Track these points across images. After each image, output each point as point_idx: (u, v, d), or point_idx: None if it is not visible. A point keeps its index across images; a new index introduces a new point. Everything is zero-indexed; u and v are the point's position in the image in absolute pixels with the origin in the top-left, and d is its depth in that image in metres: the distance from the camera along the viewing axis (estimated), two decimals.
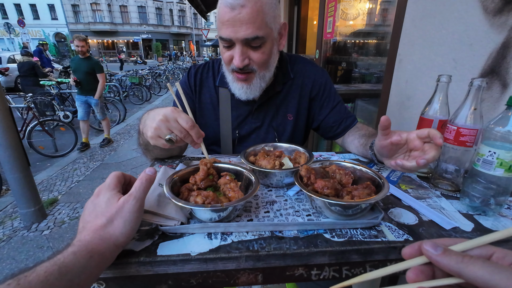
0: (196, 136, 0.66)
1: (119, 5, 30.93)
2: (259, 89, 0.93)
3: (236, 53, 0.81)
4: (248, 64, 0.84)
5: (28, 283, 0.33)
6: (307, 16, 3.53)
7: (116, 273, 0.47)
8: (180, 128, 0.64)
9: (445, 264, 0.28)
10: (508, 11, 0.72)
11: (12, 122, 2.19)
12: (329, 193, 0.56)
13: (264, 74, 0.90)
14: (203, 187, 0.60)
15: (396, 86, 1.22)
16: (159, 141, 0.67)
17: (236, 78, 0.89)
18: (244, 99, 0.93)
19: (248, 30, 0.77)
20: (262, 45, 0.83)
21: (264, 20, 0.79)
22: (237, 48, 0.81)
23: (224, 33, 0.79)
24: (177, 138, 0.65)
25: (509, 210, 0.63)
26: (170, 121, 0.64)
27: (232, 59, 0.84)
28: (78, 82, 3.85)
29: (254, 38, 0.79)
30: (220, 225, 0.53)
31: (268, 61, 0.88)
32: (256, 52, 0.83)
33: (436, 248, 0.30)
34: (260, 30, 0.79)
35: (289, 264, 0.50)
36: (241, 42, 0.80)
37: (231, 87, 0.94)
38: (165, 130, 0.64)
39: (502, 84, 0.75)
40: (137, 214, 0.46)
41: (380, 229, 0.55)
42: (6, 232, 2.37)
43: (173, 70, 12.26)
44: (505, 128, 0.56)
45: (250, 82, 0.89)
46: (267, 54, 0.86)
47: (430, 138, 0.58)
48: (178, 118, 0.64)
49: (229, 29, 0.78)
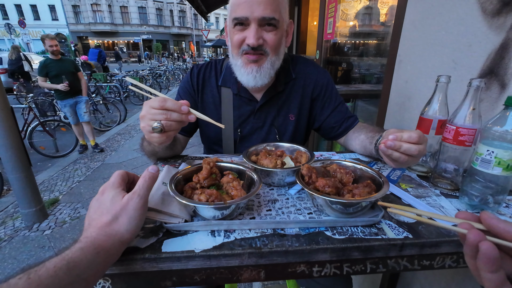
0: (175, 106, 0.62)
1: (120, 5, 30.97)
2: (268, 76, 0.92)
3: (251, 32, 0.83)
4: (261, 44, 0.86)
5: (38, 277, 0.34)
6: (307, 16, 3.54)
7: (122, 270, 0.48)
8: (157, 111, 0.62)
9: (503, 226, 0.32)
10: (506, 13, 0.73)
11: (14, 122, 2.20)
12: (330, 191, 0.57)
13: (275, 60, 0.91)
14: (206, 185, 0.61)
15: (396, 86, 1.23)
16: (152, 137, 0.65)
17: (246, 60, 0.89)
18: (252, 85, 0.92)
19: (267, 10, 0.81)
20: (275, 29, 0.85)
21: (279, 7, 0.84)
22: (252, 27, 0.83)
23: (241, 12, 0.82)
24: (162, 123, 0.62)
25: (507, 209, 0.64)
26: (148, 111, 0.63)
27: (243, 40, 0.86)
28: (70, 87, 3.63)
29: (271, 19, 0.82)
30: (223, 222, 0.54)
31: (279, 47, 0.90)
32: (269, 34, 0.85)
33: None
34: (276, 13, 0.83)
35: (291, 261, 0.51)
36: (257, 22, 0.82)
37: (238, 74, 0.93)
38: (149, 120, 0.63)
39: (500, 84, 0.76)
40: (141, 211, 0.47)
41: (380, 227, 0.56)
42: (8, 232, 2.38)
43: (173, 71, 12.27)
44: (503, 127, 0.56)
45: (260, 65, 0.89)
46: (279, 39, 0.88)
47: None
48: (151, 103, 0.63)
49: (246, 8, 0.81)
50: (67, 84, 3.59)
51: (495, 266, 0.31)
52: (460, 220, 0.36)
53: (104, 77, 7.38)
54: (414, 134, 0.63)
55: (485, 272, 0.31)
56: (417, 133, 0.63)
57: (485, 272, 0.31)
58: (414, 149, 0.62)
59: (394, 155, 0.65)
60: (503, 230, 0.32)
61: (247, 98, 1.00)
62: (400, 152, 0.64)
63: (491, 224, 0.33)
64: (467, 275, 0.86)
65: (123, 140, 4.77)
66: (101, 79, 7.23)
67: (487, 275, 0.31)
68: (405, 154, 0.64)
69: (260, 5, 0.80)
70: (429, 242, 0.52)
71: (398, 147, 0.63)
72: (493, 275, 0.31)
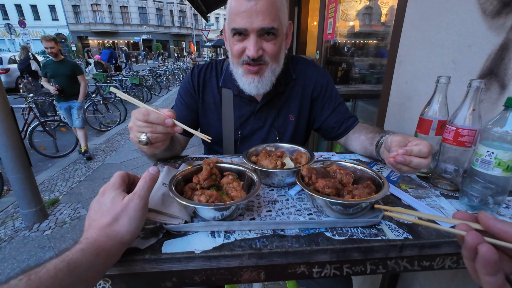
0: (158, 120, 0.60)
1: (120, 5, 30.98)
2: (270, 83, 0.92)
3: (251, 43, 0.82)
4: (261, 55, 0.85)
5: (38, 278, 0.34)
6: (307, 17, 3.54)
7: (122, 270, 0.48)
8: (142, 123, 0.60)
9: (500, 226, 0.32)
10: (506, 14, 0.73)
11: (14, 122, 2.20)
12: (330, 192, 0.57)
13: (275, 67, 0.91)
14: (206, 186, 0.61)
15: (396, 87, 1.23)
16: (141, 148, 0.64)
17: (247, 71, 0.89)
18: (254, 93, 0.92)
19: (265, 20, 0.80)
20: (274, 38, 0.85)
21: (278, 14, 0.83)
22: (252, 38, 0.82)
23: (239, 24, 0.81)
24: (148, 136, 0.61)
25: (507, 209, 0.64)
26: (134, 122, 0.62)
27: (243, 51, 0.85)
28: (61, 91, 3.54)
29: (270, 29, 0.81)
30: (223, 223, 0.54)
31: (279, 55, 0.90)
32: (269, 43, 0.85)
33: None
34: (275, 22, 0.82)
35: (291, 261, 0.51)
36: (256, 33, 0.82)
37: (239, 82, 0.93)
38: (136, 132, 0.62)
39: (500, 85, 0.76)
40: (142, 212, 0.47)
41: (380, 227, 0.56)
42: (8, 232, 2.38)
43: (173, 71, 12.27)
44: (503, 128, 0.56)
45: (262, 75, 0.89)
46: (279, 47, 0.88)
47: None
48: (136, 114, 0.61)
49: (245, 19, 0.80)
50: (57, 87, 3.50)
51: (494, 269, 0.30)
52: (458, 221, 0.36)
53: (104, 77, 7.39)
54: (424, 148, 0.59)
55: (484, 275, 0.31)
56: (427, 147, 0.59)
57: (484, 275, 0.31)
58: (424, 164, 0.59)
59: (403, 169, 0.62)
60: (501, 230, 0.32)
61: (247, 99, 1.00)
62: (409, 166, 0.61)
63: (489, 224, 0.33)
64: (467, 276, 0.86)
65: (123, 140, 4.77)
66: (101, 79, 7.23)
67: (486, 278, 0.31)
68: (413, 168, 0.61)
69: (259, 15, 0.79)
70: (429, 243, 0.53)
71: (408, 163, 0.60)
72: (492, 278, 0.31)
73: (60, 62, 3.52)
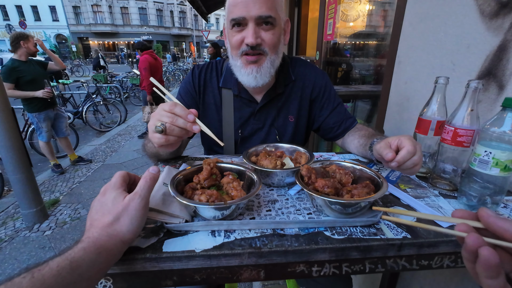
0: (182, 112, 0.62)
1: (120, 6, 31.03)
2: (269, 75, 0.92)
3: (249, 31, 0.84)
4: (260, 44, 0.86)
5: (41, 276, 0.34)
6: (307, 17, 3.55)
7: (123, 269, 0.49)
8: (165, 113, 0.62)
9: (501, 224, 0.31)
10: (504, 15, 0.74)
11: (15, 123, 2.21)
12: (329, 192, 0.58)
13: (274, 59, 0.91)
14: (206, 186, 0.62)
15: (396, 87, 1.23)
16: (153, 137, 0.65)
17: (246, 61, 0.90)
18: (253, 85, 0.92)
19: (262, 8, 0.82)
20: (272, 28, 0.86)
21: (274, 5, 0.85)
22: (250, 26, 0.84)
23: (237, 13, 0.83)
24: (166, 125, 0.62)
25: (505, 209, 0.64)
26: (158, 111, 0.64)
27: (242, 41, 0.87)
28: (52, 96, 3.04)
29: (268, 17, 0.83)
30: (223, 222, 0.55)
31: (278, 45, 0.91)
32: (267, 33, 0.86)
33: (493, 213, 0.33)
34: (272, 11, 0.84)
35: (290, 260, 0.52)
36: (254, 21, 0.83)
37: (238, 75, 0.94)
38: (156, 120, 0.63)
39: (498, 85, 0.77)
40: (143, 211, 0.48)
41: (379, 227, 0.57)
42: (8, 233, 2.38)
43: (173, 72, 12.28)
44: (500, 128, 0.57)
45: (260, 65, 0.90)
46: (277, 38, 0.89)
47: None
48: (164, 105, 0.63)
49: (242, 8, 0.82)
50: (50, 89, 2.95)
51: (495, 272, 0.30)
52: (458, 219, 0.35)
53: (105, 78, 7.40)
54: (403, 152, 0.63)
55: (485, 278, 0.31)
56: (406, 149, 0.63)
57: (485, 278, 0.31)
58: (415, 160, 0.63)
59: (406, 172, 0.69)
60: (502, 229, 0.31)
61: (247, 100, 1.01)
62: (403, 168, 0.66)
63: (489, 222, 0.32)
64: (466, 275, 0.86)
65: (124, 141, 4.78)
66: (102, 79, 7.24)
67: (487, 281, 0.30)
68: (408, 168, 0.65)
69: (256, 4, 0.81)
70: (427, 242, 0.53)
71: (401, 165, 0.64)
72: (494, 281, 0.30)
73: (29, 62, 2.96)
